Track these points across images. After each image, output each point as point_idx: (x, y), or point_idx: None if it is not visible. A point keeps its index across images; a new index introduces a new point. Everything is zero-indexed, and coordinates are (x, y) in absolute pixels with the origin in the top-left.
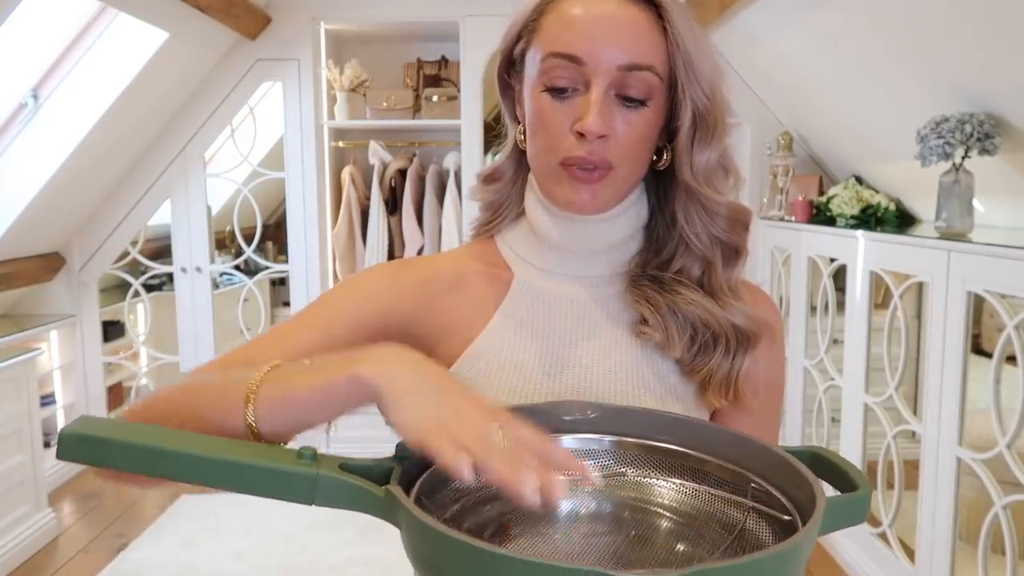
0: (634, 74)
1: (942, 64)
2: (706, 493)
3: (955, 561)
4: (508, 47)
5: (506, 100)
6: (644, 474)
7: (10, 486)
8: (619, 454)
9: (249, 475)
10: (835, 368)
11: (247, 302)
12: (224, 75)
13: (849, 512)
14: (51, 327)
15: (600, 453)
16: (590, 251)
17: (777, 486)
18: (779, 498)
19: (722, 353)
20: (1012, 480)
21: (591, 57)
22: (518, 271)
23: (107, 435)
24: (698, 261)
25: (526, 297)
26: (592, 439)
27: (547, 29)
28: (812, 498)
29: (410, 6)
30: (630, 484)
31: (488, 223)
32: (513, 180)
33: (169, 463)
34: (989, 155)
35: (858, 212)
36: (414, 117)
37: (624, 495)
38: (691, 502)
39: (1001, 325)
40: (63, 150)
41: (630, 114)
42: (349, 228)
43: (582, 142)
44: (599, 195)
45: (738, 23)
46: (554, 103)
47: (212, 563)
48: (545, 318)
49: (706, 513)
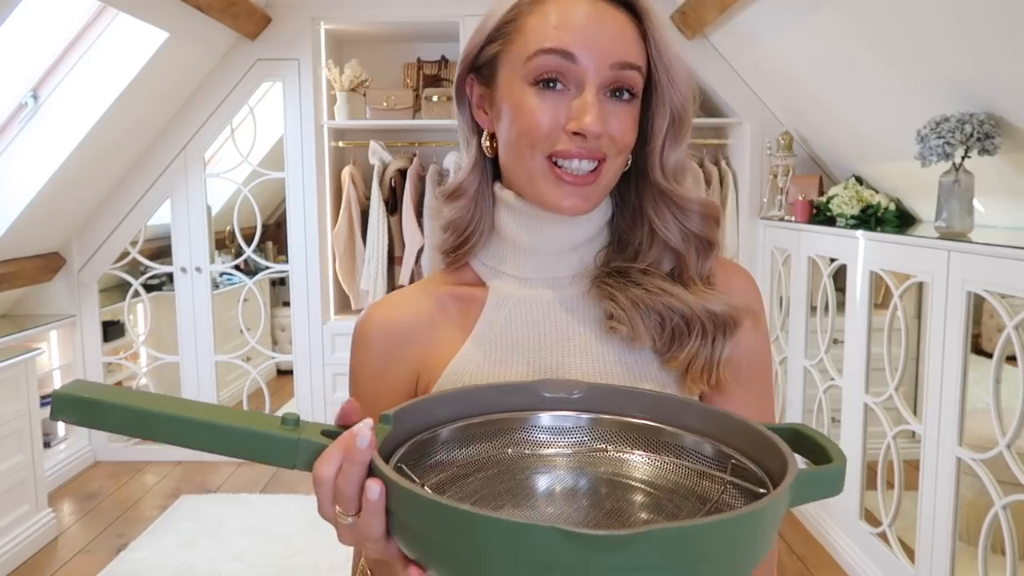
0: (624, 72)
1: (942, 64)
2: (684, 468)
3: (955, 561)
4: (475, 49)
5: (462, 111)
6: (622, 450)
7: (10, 486)
8: (597, 431)
9: (233, 438)
10: (835, 368)
11: (247, 302)
12: (224, 75)
13: (822, 484)
14: (51, 327)
15: (576, 430)
16: (560, 251)
17: (755, 460)
18: (756, 472)
19: (698, 339)
20: (1012, 480)
21: (584, 54)
22: (493, 284)
23: (98, 397)
24: (668, 254)
25: (502, 310)
26: (568, 416)
27: (532, 28)
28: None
29: (410, 6)
30: (608, 460)
31: (456, 249)
32: (477, 194)
33: (156, 424)
34: (989, 155)
35: (858, 212)
36: (414, 117)
37: (602, 470)
38: (669, 477)
39: (1001, 325)
40: (63, 150)
41: (620, 108)
42: (349, 228)
43: (575, 139)
44: (591, 197)
45: (738, 23)
46: (542, 99)
47: (212, 563)
48: (522, 327)
49: (684, 487)
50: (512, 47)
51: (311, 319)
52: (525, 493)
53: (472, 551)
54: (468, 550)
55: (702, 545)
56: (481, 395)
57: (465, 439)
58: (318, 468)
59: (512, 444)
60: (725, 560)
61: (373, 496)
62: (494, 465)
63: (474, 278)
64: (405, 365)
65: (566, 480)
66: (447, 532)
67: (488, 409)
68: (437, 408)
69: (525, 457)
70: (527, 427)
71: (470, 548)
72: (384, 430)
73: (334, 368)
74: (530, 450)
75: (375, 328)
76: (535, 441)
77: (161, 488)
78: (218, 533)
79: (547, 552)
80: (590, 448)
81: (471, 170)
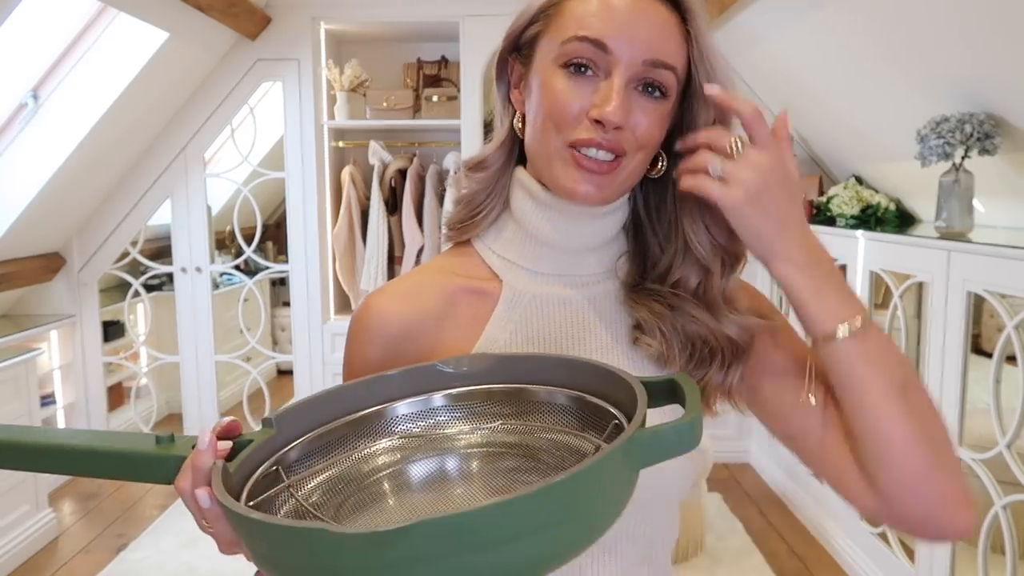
0: (657, 71)
1: (942, 64)
2: (560, 425)
3: (955, 561)
4: (519, 29)
5: (501, 83)
6: (491, 418)
7: (10, 486)
8: (456, 407)
9: (110, 462)
10: None
11: (247, 302)
12: (224, 75)
13: (668, 440)
14: (51, 327)
15: (439, 410)
16: (580, 248)
17: (629, 414)
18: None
19: (717, 367)
20: (1012, 480)
21: (618, 46)
22: (507, 278)
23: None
24: (696, 270)
25: (518, 305)
26: (422, 400)
27: (572, 12)
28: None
29: (410, 6)
30: (480, 431)
31: (464, 221)
32: (499, 172)
33: (35, 457)
34: (989, 155)
35: (858, 212)
36: (414, 117)
37: (466, 446)
38: (545, 436)
39: (1001, 325)
40: (63, 150)
41: (648, 104)
42: (349, 228)
43: (596, 128)
44: (605, 188)
45: (738, 23)
46: (571, 82)
47: (212, 563)
48: (538, 324)
49: (561, 443)
50: (551, 30)
51: (311, 319)
52: (403, 485)
53: (275, 560)
54: (270, 558)
55: (485, 530)
56: (364, 388)
57: (344, 438)
58: (176, 482)
59: (385, 435)
60: (539, 537)
61: (204, 503)
62: (366, 462)
63: (485, 270)
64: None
65: (447, 463)
66: (250, 540)
67: (379, 400)
68: (325, 407)
69: (395, 448)
70: (396, 417)
71: (269, 556)
72: (266, 433)
73: (334, 368)
74: (400, 440)
75: (376, 321)
76: (404, 431)
77: (161, 488)
78: None
79: (328, 556)
80: (462, 426)
81: (499, 147)
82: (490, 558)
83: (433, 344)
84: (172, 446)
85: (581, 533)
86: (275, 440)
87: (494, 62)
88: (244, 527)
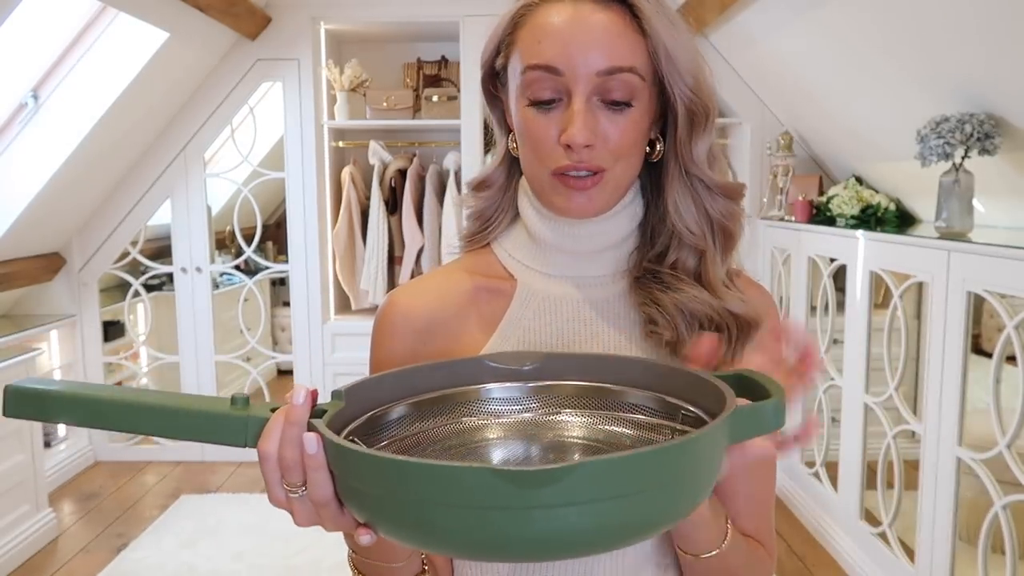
0: (615, 77)
1: (942, 64)
2: (635, 422)
3: (955, 561)
4: (488, 61)
5: (494, 110)
6: (572, 413)
7: (10, 486)
8: (546, 397)
9: (185, 420)
10: (835, 368)
11: (247, 302)
12: (224, 75)
13: (761, 417)
14: (51, 327)
15: (525, 398)
16: (590, 251)
17: (703, 407)
18: (705, 419)
19: (726, 343)
20: (1012, 480)
21: (568, 66)
22: (521, 278)
23: (47, 388)
24: (692, 252)
25: (531, 304)
26: (517, 386)
27: (523, 41)
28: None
29: (410, 6)
30: (559, 424)
31: (478, 233)
32: (504, 187)
33: (108, 413)
34: (989, 155)
35: (858, 212)
36: (414, 117)
37: (552, 435)
38: (620, 431)
39: (1001, 325)
40: (63, 150)
41: (616, 117)
42: (349, 228)
43: (569, 153)
44: (595, 199)
45: (738, 23)
46: (539, 116)
47: (212, 563)
48: (550, 323)
49: (635, 439)
50: (511, 61)
51: (311, 319)
52: (477, 459)
53: (410, 502)
54: (406, 501)
55: (634, 476)
56: (433, 372)
57: (417, 414)
58: (261, 443)
59: (465, 415)
60: (661, 494)
61: (311, 449)
62: (445, 438)
63: (501, 270)
64: (430, 357)
65: (516, 448)
66: (385, 485)
67: (440, 385)
68: (392, 384)
69: (476, 428)
70: (478, 399)
71: (407, 499)
72: (336, 405)
73: (334, 368)
74: (482, 420)
75: (400, 316)
76: (487, 412)
77: (161, 488)
78: (218, 533)
79: (481, 494)
80: (541, 414)
81: (499, 164)
82: (625, 509)
83: (454, 339)
84: (249, 407)
85: (697, 491)
86: (343, 412)
87: None
88: (375, 469)
